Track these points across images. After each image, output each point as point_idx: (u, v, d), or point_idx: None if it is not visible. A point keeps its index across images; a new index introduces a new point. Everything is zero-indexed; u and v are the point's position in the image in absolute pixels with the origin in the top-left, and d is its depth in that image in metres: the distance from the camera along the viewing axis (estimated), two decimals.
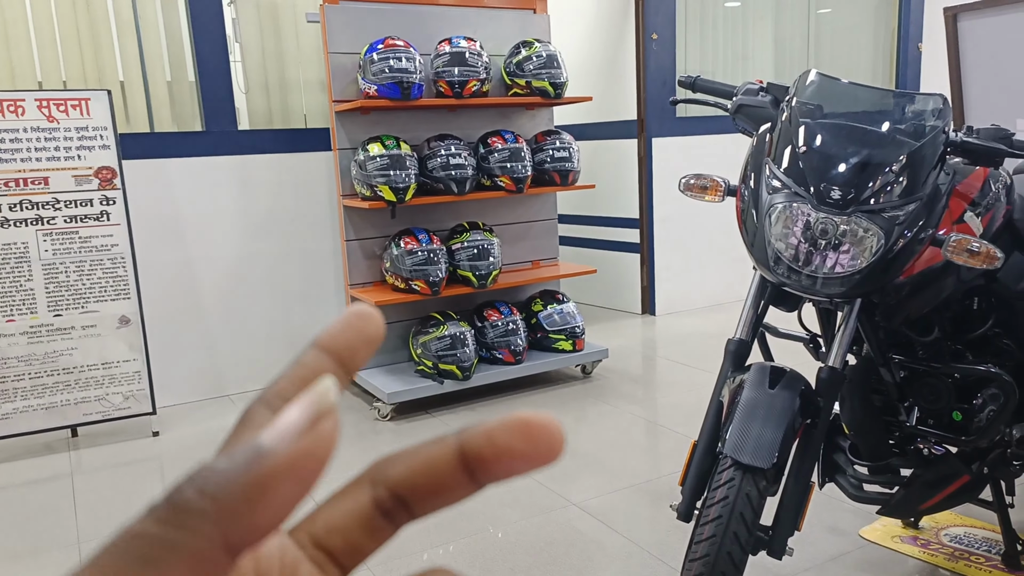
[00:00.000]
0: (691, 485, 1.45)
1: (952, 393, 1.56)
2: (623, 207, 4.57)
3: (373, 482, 0.21)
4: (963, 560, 1.89)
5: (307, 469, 0.17)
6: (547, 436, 0.20)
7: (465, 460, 0.21)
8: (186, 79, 3.43)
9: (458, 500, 0.21)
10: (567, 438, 0.19)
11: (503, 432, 0.20)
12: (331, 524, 0.21)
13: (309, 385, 0.20)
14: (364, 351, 0.22)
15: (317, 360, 0.21)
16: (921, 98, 1.46)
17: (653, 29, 4.30)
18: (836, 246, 1.36)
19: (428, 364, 3.14)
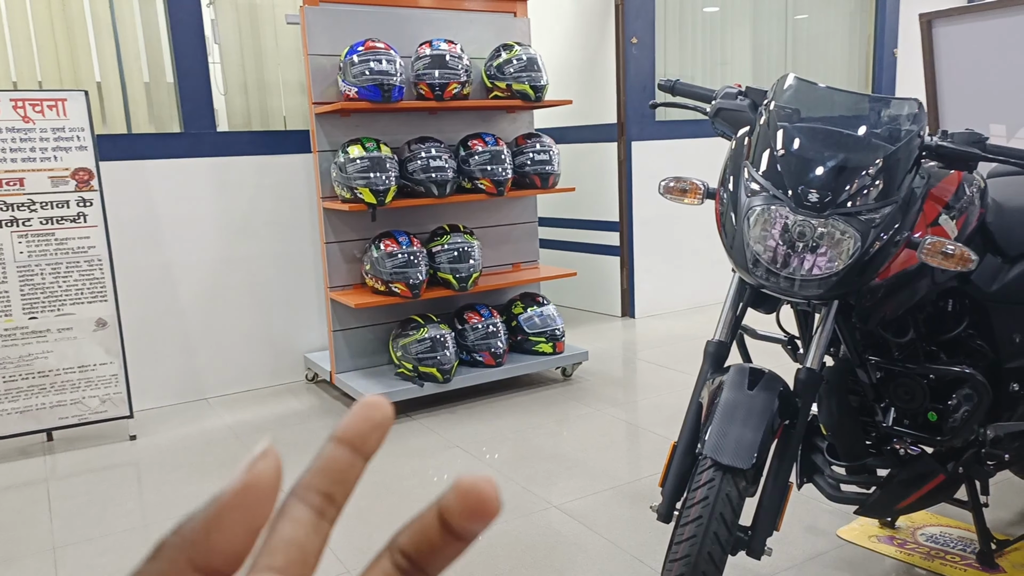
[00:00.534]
0: (671, 486, 1.46)
1: (927, 394, 1.58)
2: (603, 210, 4.59)
3: (391, 549, 0.25)
4: (939, 559, 1.92)
5: (250, 500, 0.21)
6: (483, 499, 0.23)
7: (443, 521, 0.24)
8: (164, 80, 3.39)
9: (455, 555, 0.25)
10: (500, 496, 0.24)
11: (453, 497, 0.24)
12: (414, 530, 0.24)
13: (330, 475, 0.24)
14: (375, 436, 0.25)
15: (335, 451, 0.25)
16: (897, 102, 1.49)
17: (633, 33, 4.33)
18: (813, 248, 1.37)
19: (408, 367, 3.13)
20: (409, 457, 2.68)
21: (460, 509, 0.23)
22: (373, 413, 0.25)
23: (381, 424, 0.25)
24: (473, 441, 2.80)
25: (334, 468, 0.24)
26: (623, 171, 4.45)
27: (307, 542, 0.24)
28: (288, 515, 0.23)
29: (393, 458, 2.68)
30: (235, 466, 2.68)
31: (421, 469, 2.58)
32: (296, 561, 0.23)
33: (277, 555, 0.23)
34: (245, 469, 0.22)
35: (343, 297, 3.16)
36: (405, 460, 2.66)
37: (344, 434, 0.25)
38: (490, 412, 3.11)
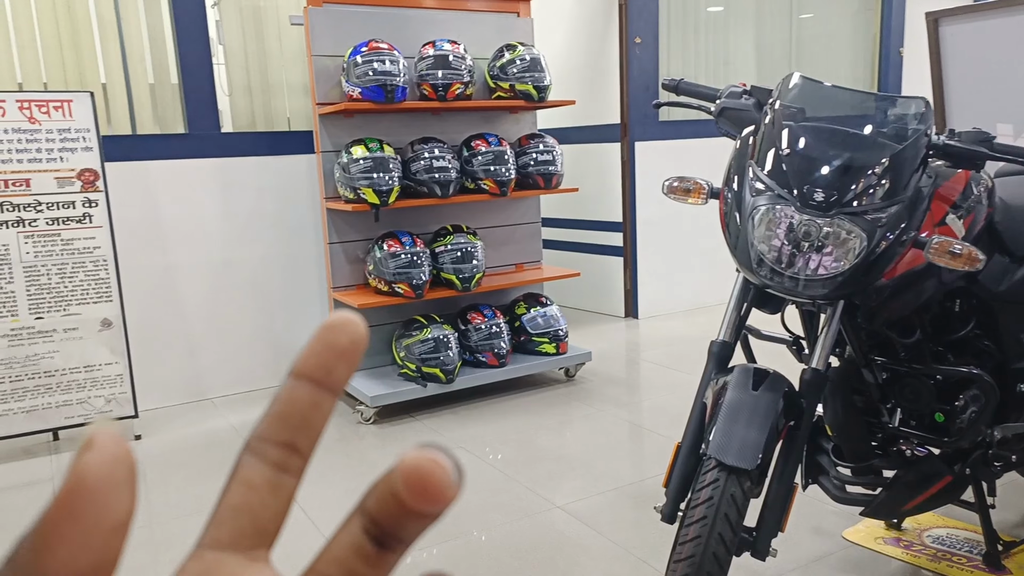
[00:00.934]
0: (675, 487, 1.45)
1: (934, 394, 1.57)
2: (606, 211, 4.59)
3: (361, 511, 0.21)
4: (945, 561, 1.91)
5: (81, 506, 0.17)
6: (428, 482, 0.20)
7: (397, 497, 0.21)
8: (169, 81, 3.40)
9: (422, 529, 0.21)
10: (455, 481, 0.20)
11: (397, 478, 0.20)
12: (331, 556, 0.21)
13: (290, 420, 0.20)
14: (342, 366, 0.21)
15: (293, 391, 0.21)
16: (903, 101, 1.48)
17: (636, 33, 4.32)
18: (819, 248, 1.36)
19: (411, 367, 3.12)
20: None
21: (406, 491, 0.20)
22: (338, 337, 0.21)
23: (349, 350, 0.21)
24: (476, 442, 2.80)
25: (294, 411, 0.20)
26: (626, 171, 4.44)
27: (262, 507, 0.20)
28: (238, 477, 0.20)
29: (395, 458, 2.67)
30: None
31: None
32: (247, 532, 0.20)
33: (223, 527, 0.20)
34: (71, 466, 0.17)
35: (346, 297, 3.16)
36: None
37: (304, 367, 0.21)
38: (493, 413, 3.10)
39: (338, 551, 0.21)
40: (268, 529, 0.21)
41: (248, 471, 0.20)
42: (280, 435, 0.20)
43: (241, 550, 0.20)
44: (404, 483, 0.20)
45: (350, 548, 0.21)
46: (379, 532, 0.21)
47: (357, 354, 0.21)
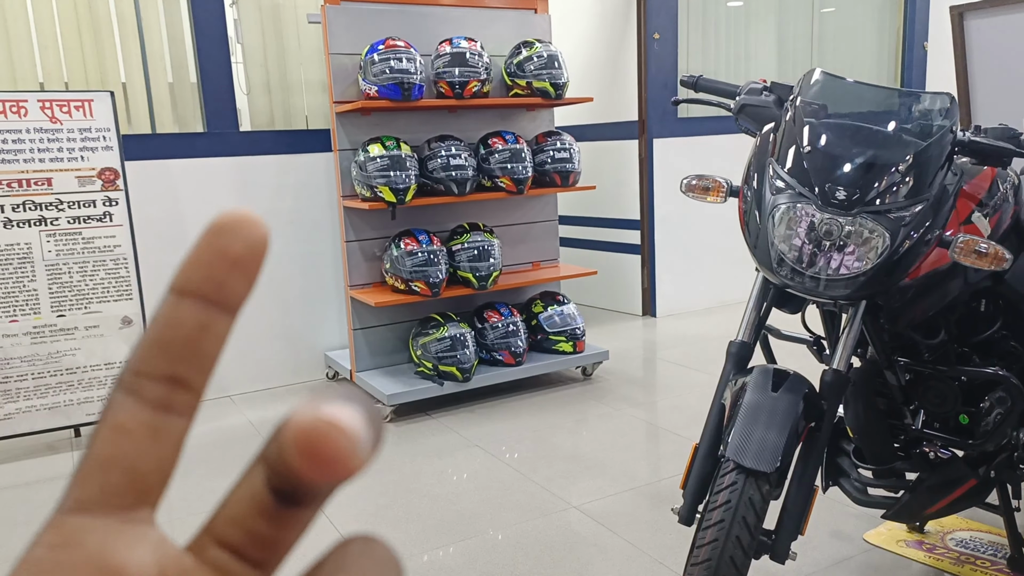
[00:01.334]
0: (692, 488, 1.43)
1: (959, 396, 1.54)
2: (624, 208, 4.56)
3: (263, 460, 0.17)
4: (969, 564, 1.87)
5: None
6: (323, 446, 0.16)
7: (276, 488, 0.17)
8: (188, 80, 3.42)
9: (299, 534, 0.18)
10: None
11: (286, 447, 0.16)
12: (229, 515, 0.17)
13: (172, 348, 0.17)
14: (237, 277, 0.17)
15: (175, 311, 0.17)
16: (928, 97, 1.45)
17: (655, 29, 4.29)
18: (841, 247, 1.34)
19: (428, 365, 3.13)
20: (428, 456, 2.68)
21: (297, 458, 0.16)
22: (229, 242, 0.17)
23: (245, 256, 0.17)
24: (492, 440, 2.79)
25: (177, 336, 0.17)
26: (644, 169, 4.41)
27: (139, 456, 0.17)
28: (108, 422, 0.17)
29: (411, 457, 2.68)
30: None
31: (440, 468, 2.57)
32: (120, 488, 0.17)
33: (89, 484, 0.16)
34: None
35: (363, 295, 3.17)
36: (424, 459, 2.65)
37: (187, 281, 0.17)
38: (510, 411, 3.10)
39: (237, 508, 0.17)
40: (149, 483, 0.17)
41: (120, 414, 0.17)
42: (159, 367, 0.17)
43: (113, 511, 0.17)
44: (295, 448, 0.16)
45: (251, 505, 0.17)
46: (285, 485, 0.17)
47: (256, 262, 0.17)
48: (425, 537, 2.12)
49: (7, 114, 2.74)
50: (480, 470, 2.54)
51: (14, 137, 2.76)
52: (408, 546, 2.07)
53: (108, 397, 0.17)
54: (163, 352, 0.17)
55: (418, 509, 2.28)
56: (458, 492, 2.39)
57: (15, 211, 2.77)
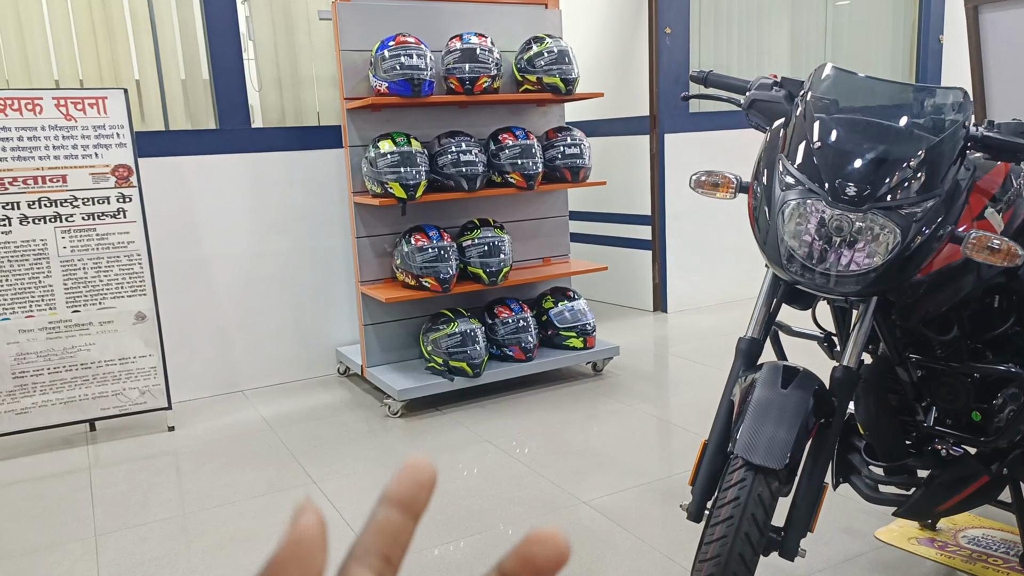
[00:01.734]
0: (701, 485, 1.43)
1: (971, 393, 1.53)
2: (635, 204, 4.55)
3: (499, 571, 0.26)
4: (981, 562, 1.86)
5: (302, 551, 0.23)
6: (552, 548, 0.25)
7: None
8: (200, 77, 3.44)
9: None
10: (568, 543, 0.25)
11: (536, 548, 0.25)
12: None
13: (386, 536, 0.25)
14: (423, 496, 0.26)
15: (388, 513, 0.26)
16: (940, 92, 1.43)
17: (667, 23, 4.27)
18: (851, 243, 1.33)
19: (439, 361, 3.14)
20: (439, 451, 2.69)
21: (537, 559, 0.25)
22: (420, 475, 0.26)
23: (428, 484, 0.26)
24: (503, 436, 2.80)
25: (389, 529, 0.25)
26: (655, 164, 4.39)
27: None
28: None
29: (423, 452, 2.69)
30: (270, 457, 2.71)
31: (451, 463, 2.58)
32: None
33: None
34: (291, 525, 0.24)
35: (374, 291, 3.18)
36: (435, 454, 2.67)
37: (395, 496, 0.26)
38: (520, 407, 3.10)
39: None
40: None
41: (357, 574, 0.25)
42: (380, 548, 0.25)
43: None
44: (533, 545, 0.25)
45: None
46: None
47: (433, 487, 0.27)
48: (436, 532, 2.13)
49: (23, 112, 2.77)
50: (490, 466, 2.55)
51: (30, 135, 2.79)
52: (418, 541, 2.09)
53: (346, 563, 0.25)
54: (381, 539, 0.25)
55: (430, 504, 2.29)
56: (468, 487, 2.40)
57: (31, 208, 2.80)
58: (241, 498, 2.41)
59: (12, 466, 2.76)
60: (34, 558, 2.11)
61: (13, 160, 2.77)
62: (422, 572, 1.93)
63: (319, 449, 2.76)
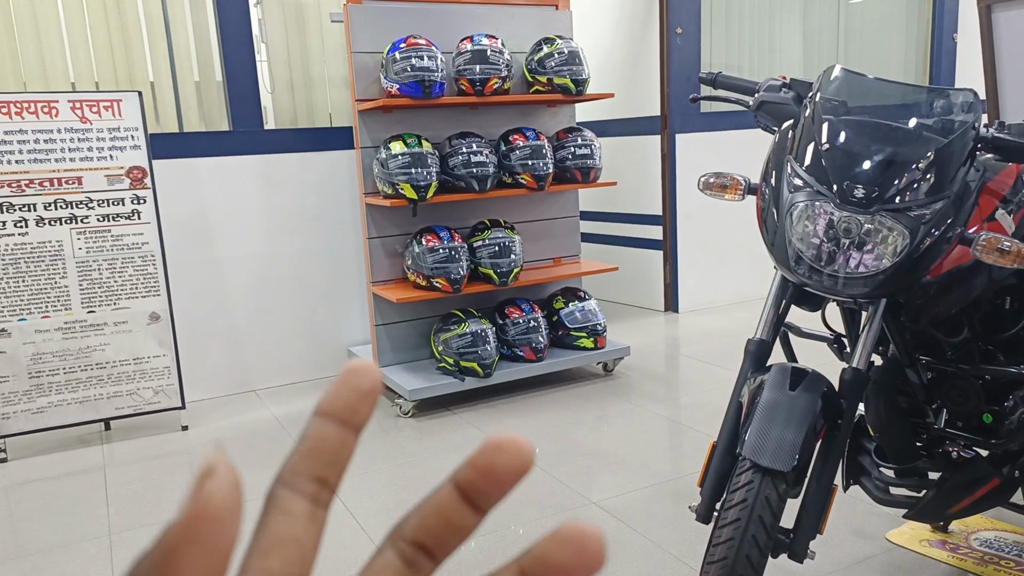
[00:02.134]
0: (710, 486, 1.43)
1: (982, 395, 1.52)
2: (646, 204, 4.54)
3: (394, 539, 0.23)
4: (993, 565, 1.85)
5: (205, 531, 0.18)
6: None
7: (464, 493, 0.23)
8: (214, 79, 3.47)
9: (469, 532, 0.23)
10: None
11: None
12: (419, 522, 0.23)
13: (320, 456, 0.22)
14: (365, 406, 0.23)
15: (320, 428, 0.22)
16: (949, 93, 1.43)
17: (677, 23, 4.26)
18: (860, 245, 1.33)
19: (449, 361, 3.15)
20: (449, 452, 2.70)
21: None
22: (360, 380, 0.23)
23: (370, 392, 0.23)
24: None
25: (324, 448, 0.22)
26: (666, 164, 4.39)
27: (304, 536, 0.21)
28: (279, 508, 0.21)
29: (433, 452, 2.70)
30: (282, 456, 2.73)
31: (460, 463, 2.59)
32: (294, 559, 0.21)
33: (272, 556, 0.21)
34: (191, 495, 0.18)
35: (385, 292, 3.20)
36: (445, 454, 2.68)
37: (330, 407, 0.22)
38: (530, 407, 3.11)
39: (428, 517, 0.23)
40: (309, 558, 0.21)
41: (287, 502, 0.21)
42: (312, 469, 0.22)
43: None
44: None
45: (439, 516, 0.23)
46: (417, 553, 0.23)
47: (376, 396, 0.23)
48: None
49: (39, 114, 2.81)
50: None
51: (46, 137, 2.82)
52: None
53: (271, 489, 0.22)
54: (314, 459, 0.22)
55: None
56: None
57: (47, 210, 2.84)
58: (253, 496, 2.43)
59: (28, 465, 2.80)
60: (49, 556, 2.14)
61: (30, 163, 2.81)
62: None
63: None
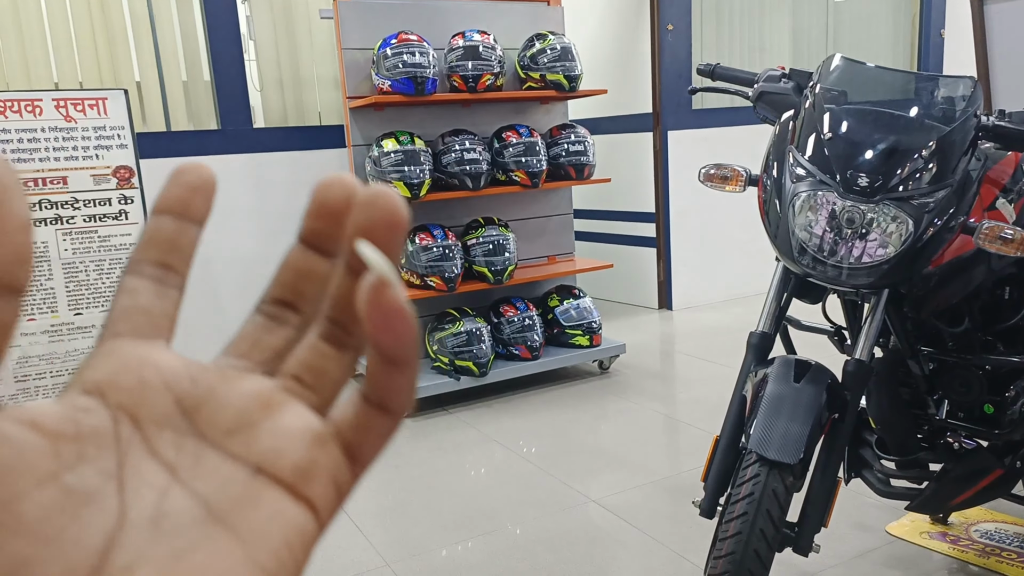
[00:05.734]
0: (714, 481, 1.42)
1: (984, 385, 1.51)
2: (639, 201, 4.53)
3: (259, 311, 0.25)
4: (994, 556, 1.85)
5: None
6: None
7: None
8: (201, 78, 3.43)
9: None
10: None
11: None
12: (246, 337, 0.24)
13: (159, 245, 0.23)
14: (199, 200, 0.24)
15: (156, 222, 0.23)
16: (951, 81, 1.42)
17: (668, 20, 4.26)
18: (863, 235, 1.32)
19: (444, 360, 3.12)
20: (445, 451, 2.68)
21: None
22: (188, 177, 0.24)
23: (201, 186, 0.24)
24: (510, 435, 2.79)
25: (161, 237, 0.23)
26: (659, 161, 4.38)
27: (152, 306, 0.23)
28: (123, 290, 0.23)
29: (429, 452, 2.68)
30: None
31: (457, 463, 2.57)
32: (142, 326, 0.22)
33: (119, 324, 0.22)
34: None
35: None
36: (441, 454, 2.65)
37: (163, 204, 0.24)
38: (527, 406, 3.09)
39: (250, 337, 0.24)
40: (161, 324, 0.23)
41: (130, 283, 0.23)
42: (151, 256, 0.23)
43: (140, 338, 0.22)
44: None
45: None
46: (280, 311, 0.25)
47: (210, 189, 0.24)
48: (444, 532, 2.11)
49: (22, 113, 2.76)
50: (498, 465, 2.54)
51: (29, 136, 2.77)
52: (427, 541, 2.07)
53: (119, 280, 0.23)
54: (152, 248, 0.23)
55: (437, 504, 2.28)
56: (476, 487, 2.38)
57: (31, 210, 2.78)
58: None
59: None
60: None
61: (13, 162, 2.76)
62: (431, 573, 1.92)
63: None
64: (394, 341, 0.20)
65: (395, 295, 0.20)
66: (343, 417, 0.22)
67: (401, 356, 0.21)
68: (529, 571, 1.90)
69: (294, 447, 0.21)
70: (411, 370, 0.21)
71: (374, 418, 0.22)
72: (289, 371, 0.23)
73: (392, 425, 0.22)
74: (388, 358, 0.21)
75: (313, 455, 0.21)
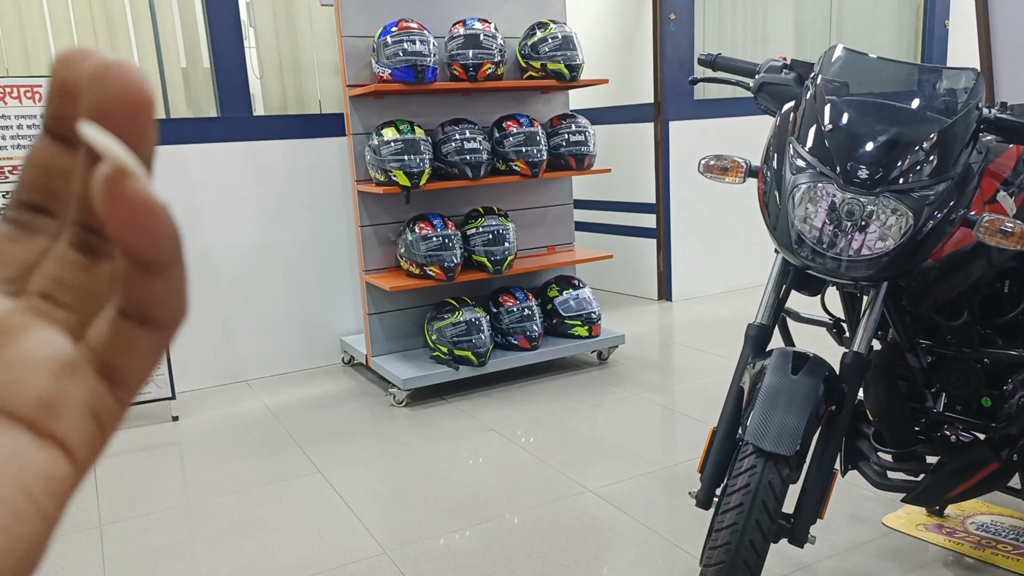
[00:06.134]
0: (710, 472, 1.42)
1: (981, 378, 1.52)
2: (639, 192, 4.52)
3: None
4: (990, 548, 1.85)
5: None
6: None
7: None
8: (201, 65, 3.42)
9: None
10: None
11: None
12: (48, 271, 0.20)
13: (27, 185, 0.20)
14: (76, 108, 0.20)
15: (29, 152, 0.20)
16: (953, 73, 1.41)
17: (671, 10, 4.23)
18: (863, 227, 1.31)
19: (443, 350, 3.13)
20: (444, 440, 2.69)
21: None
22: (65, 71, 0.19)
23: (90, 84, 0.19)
24: (508, 425, 2.79)
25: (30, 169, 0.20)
26: (660, 152, 4.37)
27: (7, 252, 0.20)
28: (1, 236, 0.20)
29: (428, 441, 2.69)
30: (274, 446, 2.71)
31: (456, 452, 2.58)
32: None
33: None
34: None
35: (378, 280, 3.17)
36: (440, 443, 2.66)
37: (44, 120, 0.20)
38: (525, 396, 3.10)
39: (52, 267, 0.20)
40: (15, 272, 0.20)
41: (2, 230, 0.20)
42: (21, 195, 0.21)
43: None
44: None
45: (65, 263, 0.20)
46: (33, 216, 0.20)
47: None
48: (441, 521, 2.12)
49: (22, 99, 2.75)
50: (496, 454, 2.55)
51: (28, 123, 2.77)
52: (424, 529, 2.08)
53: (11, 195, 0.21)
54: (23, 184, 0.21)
55: (434, 493, 2.29)
56: (474, 476, 2.39)
57: None
58: (245, 487, 2.41)
59: None
60: None
61: (12, 148, 2.76)
62: (428, 561, 1.93)
63: (324, 438, 2.76)
64: (144, 240, 0.17)
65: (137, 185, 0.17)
66: (98, 337, 0.19)
67: (156, 257, 0.18)
68: (525, 559, 1.91)
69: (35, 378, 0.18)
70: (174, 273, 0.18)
71: (135, 334, 0.19)
72: (36, 288, 0.20)
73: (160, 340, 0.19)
74: (141, 262, 0.18)
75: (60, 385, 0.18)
